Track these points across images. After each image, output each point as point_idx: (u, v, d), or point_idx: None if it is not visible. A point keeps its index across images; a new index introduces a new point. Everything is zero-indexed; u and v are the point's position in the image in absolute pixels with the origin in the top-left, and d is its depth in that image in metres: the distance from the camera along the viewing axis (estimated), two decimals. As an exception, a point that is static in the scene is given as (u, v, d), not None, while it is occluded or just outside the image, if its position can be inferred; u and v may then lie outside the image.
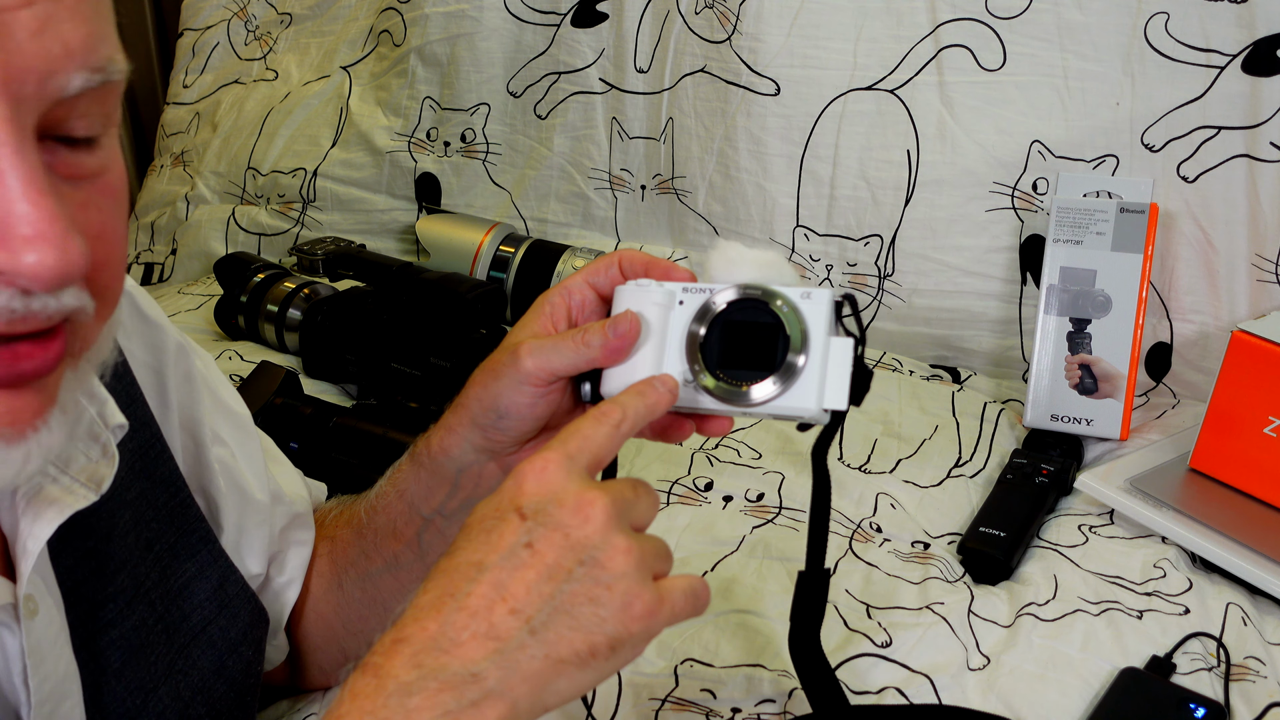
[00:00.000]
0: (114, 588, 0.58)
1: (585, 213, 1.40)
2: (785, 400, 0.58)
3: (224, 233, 1.50)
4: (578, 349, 0.60)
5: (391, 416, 0.97)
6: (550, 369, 0.61)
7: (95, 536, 0.57)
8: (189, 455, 0.66)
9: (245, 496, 0.69)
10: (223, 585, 0.65)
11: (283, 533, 0.73)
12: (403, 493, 0.70)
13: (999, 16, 1.15)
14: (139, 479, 0.59)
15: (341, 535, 0.75)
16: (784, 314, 0.58)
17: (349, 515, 0.75)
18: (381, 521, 0.71)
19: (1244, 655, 0.80)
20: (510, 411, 0.63)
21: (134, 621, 0.59)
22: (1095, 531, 0.93)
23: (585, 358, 0.60)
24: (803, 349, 0.58)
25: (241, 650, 0.66)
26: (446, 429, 0.67)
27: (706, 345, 0.60)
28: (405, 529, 0.70)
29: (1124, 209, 1.07)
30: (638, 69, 1.33)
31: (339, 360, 1.13)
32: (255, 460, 0.71)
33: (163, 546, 0.62)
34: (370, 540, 0.73)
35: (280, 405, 0.98)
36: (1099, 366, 1.06)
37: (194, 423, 0.66)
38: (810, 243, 1.24)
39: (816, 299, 0.58)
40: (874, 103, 1.20)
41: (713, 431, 0.64)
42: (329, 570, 0.76)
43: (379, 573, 0.73)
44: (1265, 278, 1.08)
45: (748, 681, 0.78)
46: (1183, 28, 1.09)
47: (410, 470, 0.69)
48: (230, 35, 1.63)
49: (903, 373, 1.17)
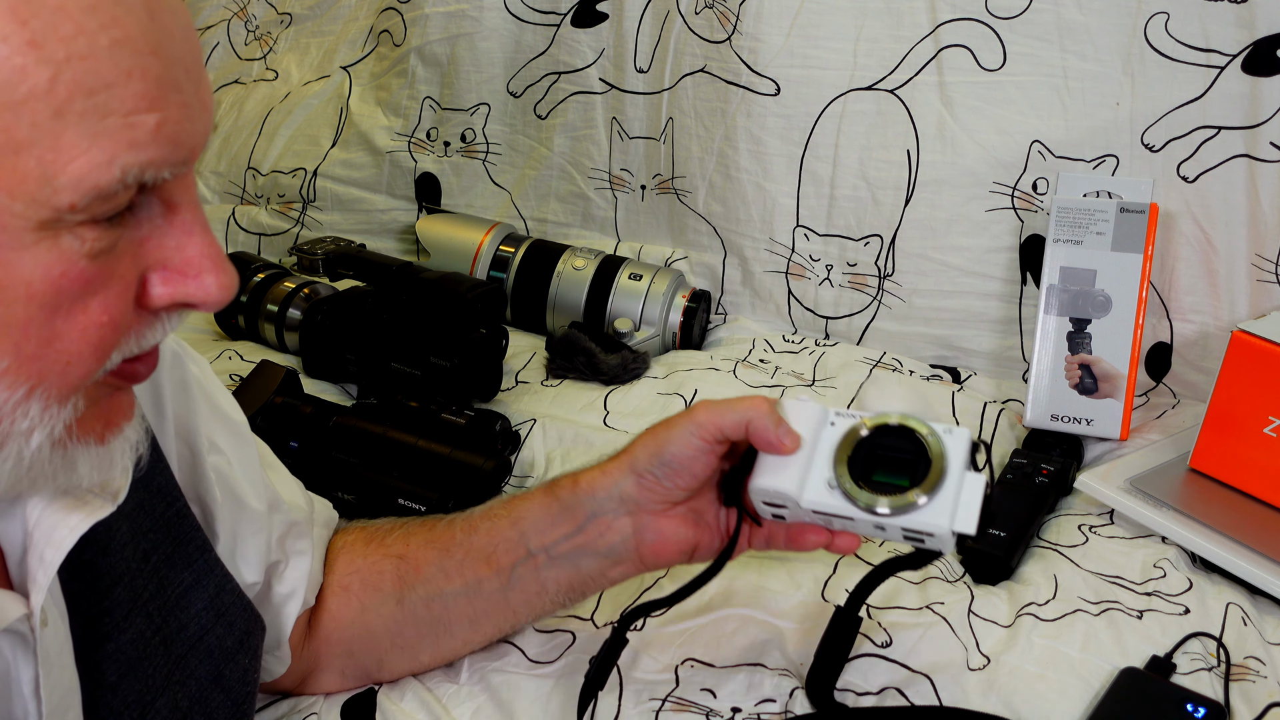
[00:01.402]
0: (111, 600, 0.58)
1: (585, 213, 1.40)
2: (920, 516, 0.64)
3: (224, 233, 1.50)
4: (749, 407, 0.67)
5: (391, 415, 0.97)
6: (719, 425, 0.68)
7: (93, 549, 0.56)
8: (185, 464, 0.66)
9: (241, 505, 0.69)
10: (219, 594, 0.65)
11: (281, 541, 0.73)
12: (518, 519, 0.73)
13: (999, 16, 1.15)
14: (136, 489, 0.59)
15: (417, 553, 0.76)
16: (928, 443, 0.66)
17: (433, 535, 0.77)
18: (480, 542, 0.74)
19: (1244, 655, 0.80)
20: (674, 460, 0.69)
21: (131, 634, 0.59)
22: (1095, 531, 0.93)
23: (751, 417, 0.67)
24: (942, 476, 0.65)
25: (238, 659, 0.66)
26: (601, 470, 0.72)
27: (853, 460, 0.67)
28: (503, 556, 0.73)
29: (1124, 209, 1.07)
30: (638, 69, 1.33)
31: (339, 360, 1.13)
32: (252, 468, 0.71)
33: (159, 557, 0.62)
34: (456, 559, 0.75)
35: (280, 404, 0.98)
36: (1099, 366, 1.06)
37: (190, 431, 0.66)
38: (810, 243, 1.24)
39: (957, 435, 0.66)
40: (874, 103, 1.20)
41: (840, 548, 0.70)
42: (391, 585, 0.76)
43: (454, 594, 0.75)
44: (1265, 278, 1.08)
45: (748, 681, 0.78)
46: (1183, 28, 1.09)
47: (539, 500, 0.74)
48: (230, 35, 1.63)
49: (903, 373, 1.17)
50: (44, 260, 0.42)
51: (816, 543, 0.70)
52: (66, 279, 0.43)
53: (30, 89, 0.40)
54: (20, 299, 0.42)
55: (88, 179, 0.41)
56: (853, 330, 1.24)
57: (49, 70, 0.40)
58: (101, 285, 0.44)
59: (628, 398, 1.12)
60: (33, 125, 0.40)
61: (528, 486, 1.00)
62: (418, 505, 0.91)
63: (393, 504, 0.92)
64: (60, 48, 0.40)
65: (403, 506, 0.91)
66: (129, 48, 0.42)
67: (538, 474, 1.01)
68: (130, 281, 0.46)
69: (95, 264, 0.44)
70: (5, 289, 0.42)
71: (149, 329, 0.48)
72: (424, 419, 0.96)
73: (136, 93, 0.42)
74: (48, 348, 0.44)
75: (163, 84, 0.43)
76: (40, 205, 0.41)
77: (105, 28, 0.41)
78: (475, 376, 1.08)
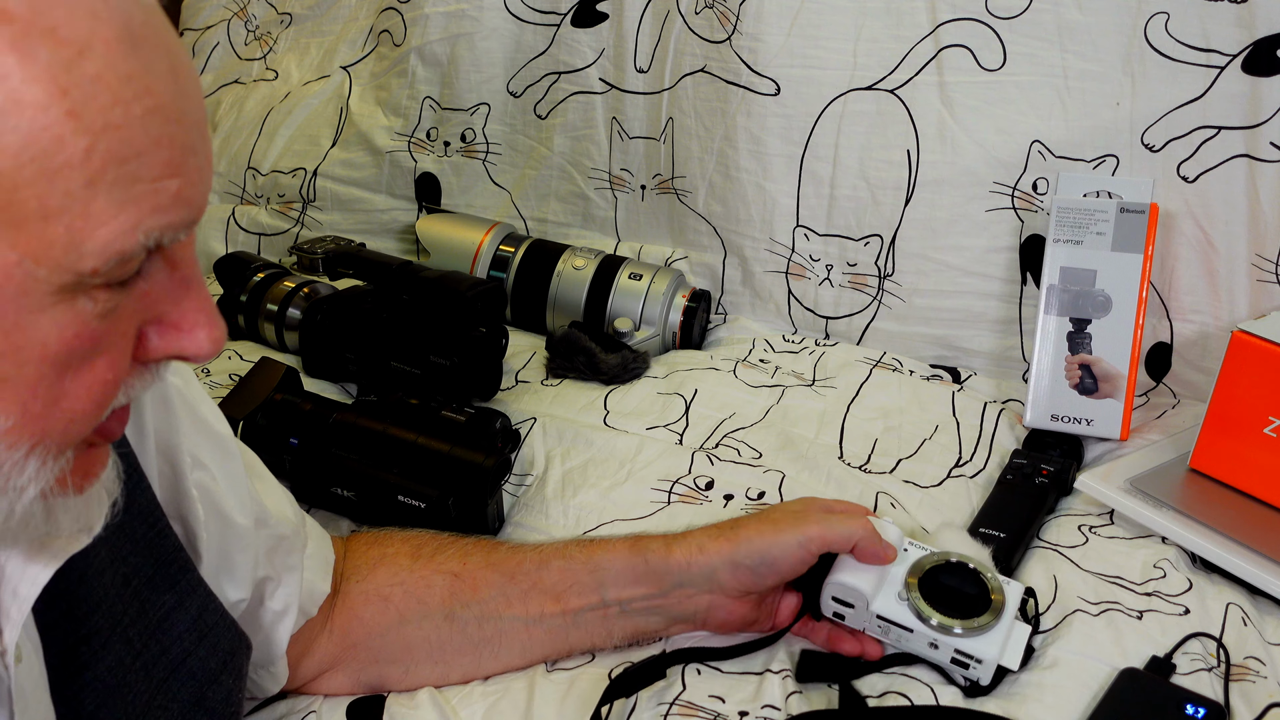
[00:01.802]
0: (89, 628, 0.57)
1: (585, 212, 1.40)
2: (975, 642, 0.75)
3: (224, 232, 1.50)
4: (857, 527, 0.77)
5: (392, 412, 0.97)
6: (827, 540, 0.76)
7: (70, 578, 0.55)
8: (166, 482, 0.65)
9: (226, 521, 0.68)
10: (202, 615, 0.64)
11: (270, 556, 0.72)
12: (597, 568, 0.77)
13: (999, 16, 1.15)
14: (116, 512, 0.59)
15: (476, 573, 0.78)
16: (991, 585, 0.78)
17: (494, 558, 0.79)
18: (551, 579, 0.77)
19: (1244, 655, 0.80)
20: (775, 562, 0.76)
21: (110, 661, 0.58)
22: (1095, 532, 0.93)
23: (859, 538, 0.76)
24: (1000, 614, 0.76)
25: (222, 680, 0.65)
26: (699, 547, 0.77)
27: (923, 583, 0.78)
28: (575, 598, 0.77)
29: (1124, 209, 1.07)
30: (638, 69, 1.33)
31: (339, 359, 1.13)
32: (238, 482, 0.70)
33: (140, 580, 0.61)
34: (521, 588, 0.77)
35: (280, 401, 0.98)
36: (1099, 366, 1.06)
37: (171, 448, 0.65)
38: (810, 243, 1.24)
39: (1014, 586, 0.79)
40: (874, 103, 1.20)
41: (869, 656, 0.79)
42: (440, 600, 0.77)
43: (513, 619, 0.77)
44: (1265, 278, 1.08)
45: (756, 686, 0.78)
46: (1183, 28, 1.08)
47: (623, 554, 0.77)
48: (230, 35, 1.63)
49: (903, 373, 1.17)
50: (59, 321, 0.42)
51: (850, 651, 0.79)
52: (79, 339, 0.43)
53: (67, 158, 0.40)
54: (33, 359, 0.42)
55: (113, 245, 0.41)
56: (853, 330, 1.24)
57: (86, 140, 0.40)
58: (108, 344, 0.45)
59: (627, 397, 1.12)
60: (65, 193, 0.40)
61: (528, 485, 1.00)
62: (417, 502, 0.91)
63: (392, 500, 0.92)
64: (98, 118, 0.40)
65: (402, 503, 0.91)
66: (160, 115, 0.42)
67: (537, 472, 1.02)
68: (130, 337, 0.46)
69: (104, 323, 0.44)
70: (20, 350, 0.42)
71: (139, 380, 0.48)
72: (424, 416, 0.96)
73: (164, 160, 0.42)
74: (54, 406, 0.44)
75: (185, 149, 0.43)
76: (64, 270, 0.41)
77: (139, 97, 0.41)
78: (475, 375, 1.08)
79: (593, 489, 0.99)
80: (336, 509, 0.96)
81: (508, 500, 0.99)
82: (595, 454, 1.03)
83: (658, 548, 0.77)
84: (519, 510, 0.98)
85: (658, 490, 0.98)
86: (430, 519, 0.91)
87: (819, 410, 1.11)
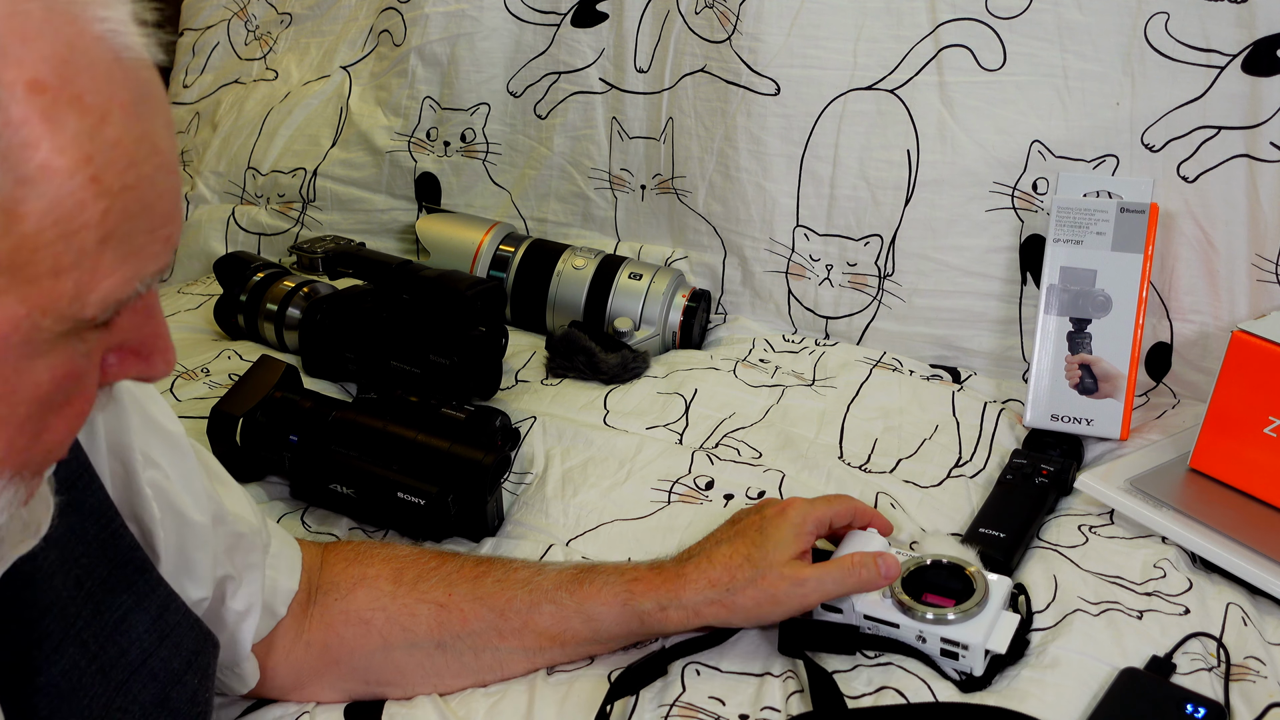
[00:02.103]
0: (39, 632, 0.57)
1: (585, 212, 1.40)
2: (959, 630, 0.77)
3: (224, 232, 1.50)
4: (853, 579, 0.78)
5: (391, 410, 0.97)
6: (825, 594, 0.78)
7: (16, 583, 0.55)
8: (119, 481, 0.64)
9: (182, 519, 0.67)
10: (162, 615, 0.63)
11: (230, 555, 0.72)
12: (590, 619, 0.77)
13: (999, 16, 1.15)
14: (67, 513, 0.57)
15: (463, 605, 0.78)
16: (974, 579, 0.80)
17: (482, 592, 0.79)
18: (544, 623, 0.78)
19: (1244, 655, 0.80)
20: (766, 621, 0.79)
21: (63, 665, 0.58)
22: (1095, 532, 0.93)
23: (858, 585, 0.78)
24: (983, 603, 0.78)
25: (186, 680, 0.65)
26: (694, 613, 0.77)
27: (907, 581, 0.80)
28: (570, 639, 0.78)
29: (1124, 209, 1.07)
30: (638, 69, 1.33)
31: (339, 359, 1.13)
32: (193, 480, 0.69)
33: (94, 582, 0.60)
34: (514, 626, 0.78)
35: (280, 399, 0.98)
36: (1099, 366, 1.06)
37: (123, 448, 0.64)
38: (810, 243, 1.24)
39: (1001, 579, 0.81)
40: (874, 103, 1.20)
41: None
42: (428, 630, 0.77)
43: (512, 651, 0.78)
44: (1265, 278, 1.08)
45: (756, 688, 0.78)
46: (1183, 28, 1.08)
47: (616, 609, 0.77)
48: (230, 35, 1.63)
49: (903, 373, 1.17)
50: (53, 363, 0.43)
51: None
52: (69, 378, 0.44)
53: (85, 220, 0.41)
54: (26, 400, 0.43)
55: (114, 294, 0.43)
56: (853, 330, 1.24)
57: (105, 203, 0.41)
58: (89, 377, 0.46)
59: (627, 397, 1.11)
60: (79, 251, 0.41)
61: (527, 483, 1.00)
62: (417, 499, 0.91)
63: (392, 497, 0.92)
64: (116, 180, 0.42)
65: (401, 500, 0.91)
66: (165, 169, 0.44)
67: (537, 471, 1.01)
68: (98, 364, 0.47)
69: (88, 360, 0.45)
70: (15, 392, 0.43)
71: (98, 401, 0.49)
72: (424, 414, 0.96)
73: (164, 210, 0.44)
74: (37, 440, 0.45)
75: (178, 195, 0.46)
76: (66, 319, 0.42)
77: (150, 156, 0.43)
78: (475, 374, 1.08)
79: (593, 488, 0.99)
80: (336, 506, 0.96)
81: (507, 499, 0.99)
82: (595, 453, 1.03)
83: (651, 610, 0.77)
84: (519, 509, 0.98)
85: (658, 490, 0.98)
86: (429, 516, 0.91)
87: (819, 410, 1.11)
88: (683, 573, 0.77)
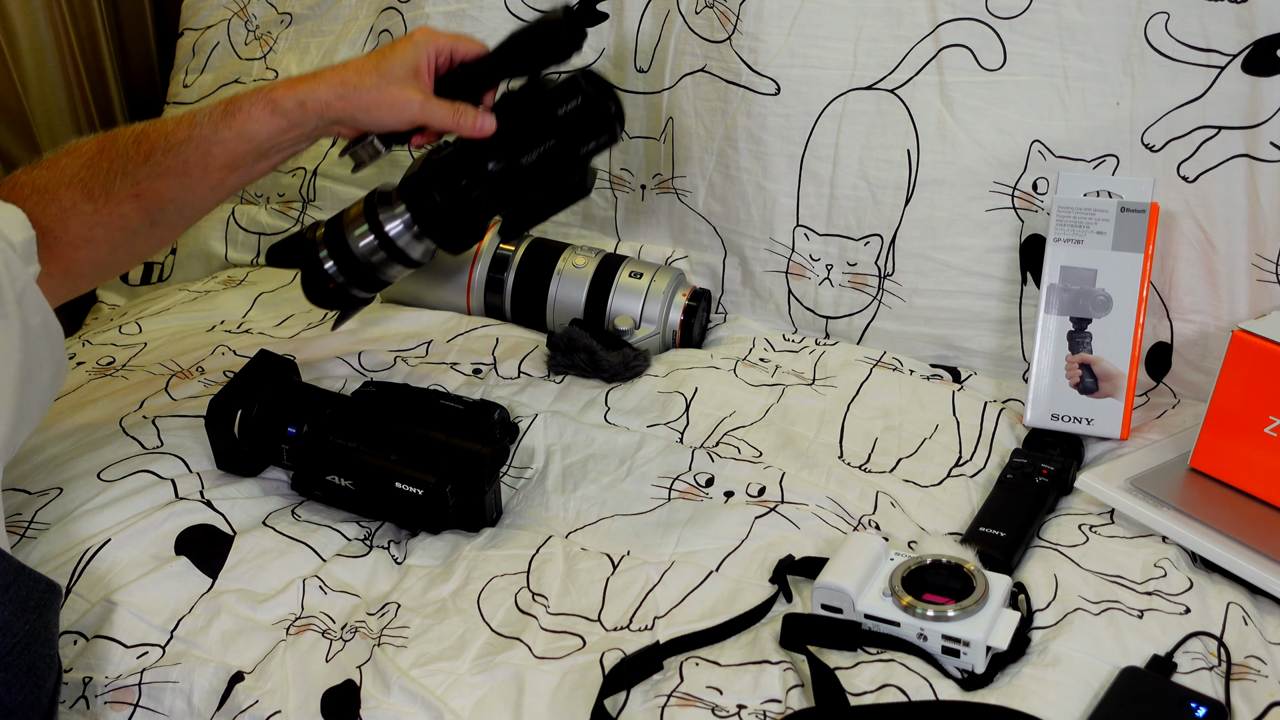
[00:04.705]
0: None
1: (585, 212, 1.40)
2: (960, 627, 0.77)
3: (224, 232, 1.50)
4: (453, 119, 0.91)
5: (390, 402, 0.97)
6: (430, 116, 0.90)
7: None
8: None
9: None
10: None
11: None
12: (252, 137, 0.87)
13: (999, 16, 1.15)
14: None
15: (153, 186, 0.87)
16: (974, 577, 0.81)
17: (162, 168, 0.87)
18: (220, 161, 0.87)
19: (1245, 654, 0.80)
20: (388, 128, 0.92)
21: None
22: (1095, 531, 0.93)
23: (456, 126, 0.91)
24: (983, 600, 0.79)
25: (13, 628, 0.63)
26: (326, 105, 0.88)
27: (908, 580, 0.81)
28: (242, 162, 0.89)
29: (1124, 208, 1.07)
30: (638, 69, 1.33)
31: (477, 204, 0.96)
32: None
33: None
34: (198, 177, 0.88)
35: (278, 392, 0.98)
36: (1099, 366, 1.06)
37: None
38: (810, 242, 1.24)
39: (1001, 577, 0.81)
40: (874, 102, 1.20)
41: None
42: (138, 220, 0.88)
43: (203, 196, 0.90)
44: (1265, 278, 1.08)
45: (754, 678, 0.78)
46: (1183, 28, 1.09)
47: (271, 123, 0.87)
48: (230, 35, 1.63)
49: (903, 372, 1.17)
50: None
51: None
52: None
53: None
54: None
55: None
56: (853, 330, 1.24)
57: None
58: None
59: (628, 395, 1.11)
60: None
61: (527, 478, 1.00)
62: (414, 489, 0.91)
63: (390, 488, 0.92)
64: None
65: (399, 490, 0.91)
66: None
67: (537, 466, 1.01)
68: None
69: None
70: None
71: None
72: (422, 405, 0.96)
73: None
74: None
75: None
76: None
77: None
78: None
79: (593, 484, 0.99)
80: (334, 497, 0.96)
81: (507, 493, 0.99)
82: (596, 450, 1.03)
83: (293, 107, 0.88)
84: (518, 502, 0.98)
85: (658, 486, 0.98)
86: (428, 506, 0.91)
87: (819, 409, 1.10)
88: (319, 74, 0.89)
